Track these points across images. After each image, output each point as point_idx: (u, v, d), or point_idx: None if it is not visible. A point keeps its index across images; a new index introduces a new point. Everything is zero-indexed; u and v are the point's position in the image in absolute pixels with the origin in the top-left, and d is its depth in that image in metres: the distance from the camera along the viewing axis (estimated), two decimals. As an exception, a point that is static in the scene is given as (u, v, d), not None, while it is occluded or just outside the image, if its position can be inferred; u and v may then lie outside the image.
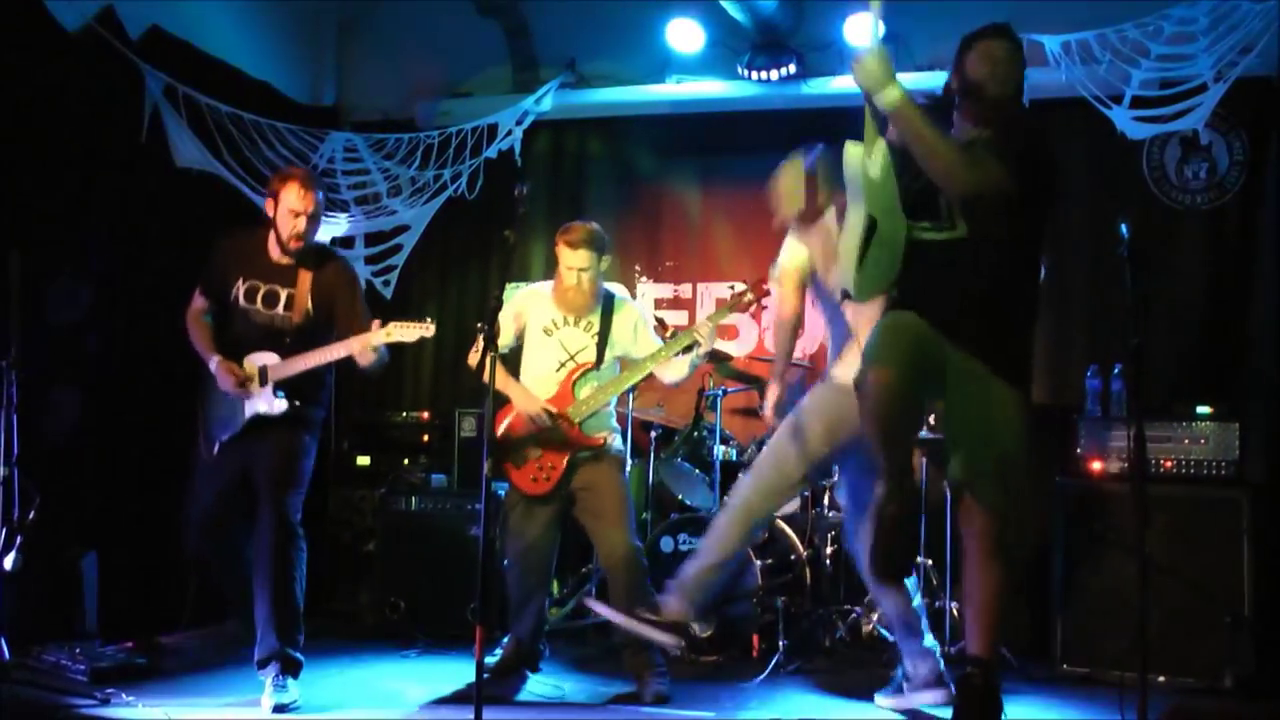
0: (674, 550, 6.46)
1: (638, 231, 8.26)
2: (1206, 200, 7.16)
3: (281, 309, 5.44)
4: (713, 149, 8.15)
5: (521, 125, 7.58)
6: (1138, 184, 7.23)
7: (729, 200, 8.11)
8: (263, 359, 5.38)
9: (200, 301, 5.59)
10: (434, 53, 8.21)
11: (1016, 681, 6.01)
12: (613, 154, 8.28)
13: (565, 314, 5.83)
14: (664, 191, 8.28)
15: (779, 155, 7.97)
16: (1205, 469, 6.17)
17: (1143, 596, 4.23)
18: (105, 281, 6.50)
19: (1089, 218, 7.22)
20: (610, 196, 8.32)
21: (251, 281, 5.47)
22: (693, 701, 5.34)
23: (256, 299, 5.45)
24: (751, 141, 8.00)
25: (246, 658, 5.46)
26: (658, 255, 8.16)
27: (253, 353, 5.40)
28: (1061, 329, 7.39)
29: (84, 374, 6.41)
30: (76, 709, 5.00)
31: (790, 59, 7.48)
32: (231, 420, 5.42)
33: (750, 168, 7.98)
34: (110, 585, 6.40)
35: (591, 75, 7.96)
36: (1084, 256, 7.30)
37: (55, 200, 6.20)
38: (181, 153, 6.74)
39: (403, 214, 7.63)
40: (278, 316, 5.44)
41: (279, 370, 5.36)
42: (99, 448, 6.54)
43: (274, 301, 5.45)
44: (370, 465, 7.54)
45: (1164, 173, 7.25)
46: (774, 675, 6.03)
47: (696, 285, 8.17)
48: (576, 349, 5.81)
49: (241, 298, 5.46)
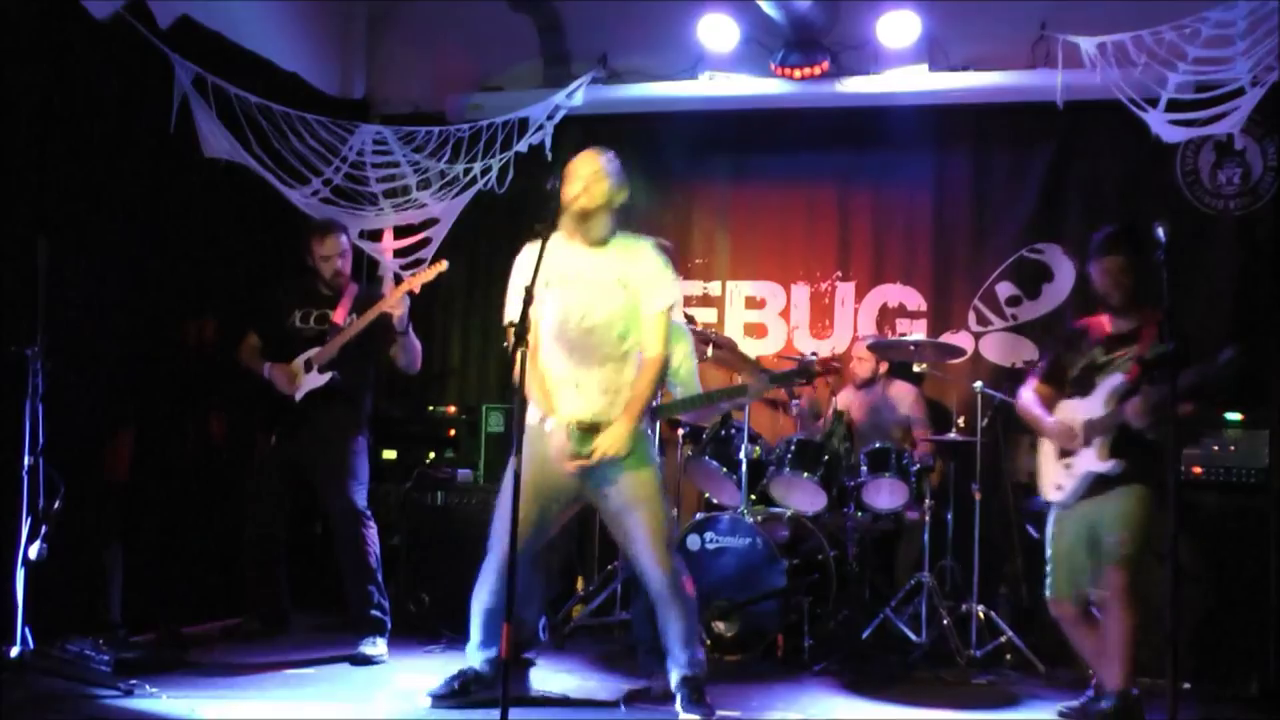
0: (701, 548, 6.43)
1: (668, 228, 8.16)
2: (1240, 205, 7.14)
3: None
4: (744, 147, 8.12)
5: (553, 120, 7.52)
6: (1171, 188, 7.20)
7: (760, 198, 8.10)
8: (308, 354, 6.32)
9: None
10: (465, 46, 8.20)
11: (1044, 688, 6.02)
12: (644, 150, 8.18)
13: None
14: (695, 189, 8.26)
15: (811, 154, 8.03)
16: (1234, 476, 6.14)
17: (1174, 605, 4.21)
18: (132, 271, 6.49)
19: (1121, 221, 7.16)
20: (641, 193, 8.19)
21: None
22: (718, 701, 5.28)
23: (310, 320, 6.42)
24: (783, 140, 8.01)
25: (270, 651, 5.55)
26: (688, 252, 8.11)
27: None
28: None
29: (109, 363, 6.40)
30: (100, 699, 5.00)
31: (824, 57, 7.43)
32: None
33: (782, 166, 8.06)
34: (136, 576, 6.41)
35: (623, 71, 7.94)
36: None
37: (83, 190, 6.18)
38: (210, 143, 6.72)
39: (432, 207, 7.59)
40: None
41: (321, 355, 6.26)
42: (125, 437, 6.53)
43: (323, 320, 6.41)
44: (396, 460, 7.52)
45: (1198, 177, 7.21)
46: (799, 675, 6.02)
47: (726, 283, 8.15)
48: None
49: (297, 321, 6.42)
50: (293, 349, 6.37)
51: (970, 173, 7.79)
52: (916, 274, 7.84)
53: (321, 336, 6.35)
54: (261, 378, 6.35)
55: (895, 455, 6.68)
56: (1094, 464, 5.23)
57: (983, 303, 7.65)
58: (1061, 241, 7.53)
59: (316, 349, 6.30)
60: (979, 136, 7.74)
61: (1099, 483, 5.24)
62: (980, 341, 7.64)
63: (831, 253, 7.97)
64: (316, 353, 6.29)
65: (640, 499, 5.09)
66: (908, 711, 5.50)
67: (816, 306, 7.99)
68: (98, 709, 4.92)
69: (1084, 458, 5.27)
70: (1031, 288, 7.58)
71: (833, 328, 7.95)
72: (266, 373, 6.34)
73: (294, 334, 6.41)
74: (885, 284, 7.89)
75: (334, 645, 6.15)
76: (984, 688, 6.03)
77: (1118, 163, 7.34)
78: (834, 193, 8.00)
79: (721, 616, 6.34)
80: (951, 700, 5.72)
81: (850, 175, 7.98)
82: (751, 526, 6.40)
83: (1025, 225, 7.62)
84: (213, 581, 6.87)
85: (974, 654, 6.36)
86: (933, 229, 7.81)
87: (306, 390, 6.29)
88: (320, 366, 6.27)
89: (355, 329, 6.24)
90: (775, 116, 7.91)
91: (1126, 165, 7.30)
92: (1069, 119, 7.16)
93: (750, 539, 6.38)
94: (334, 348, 6.27)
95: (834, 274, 7.94)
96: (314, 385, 6.28)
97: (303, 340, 6.37)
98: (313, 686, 5.45)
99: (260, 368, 6.38)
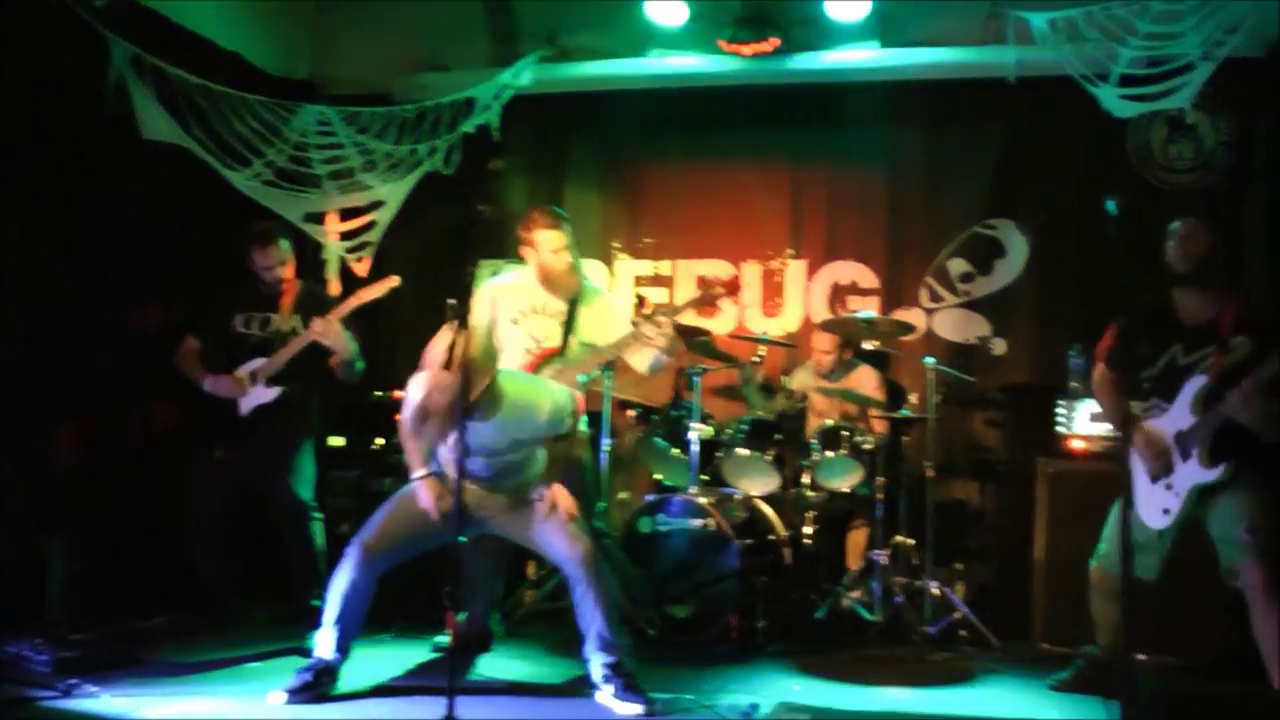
0: (652, 531, 6.38)
1: (618, 207, 8.18)
2: (1194, 180, 7.12)
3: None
4: (695, 124, 8.07)
5: (500, 99, 7.43)
6: (1123, 163, 7.20)
7: (711, 176, 8.05)
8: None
9: None
10: (411, 25, 8.05)
11: (999, 663, 6.03)
12: (593, 129, 8.18)
13: (543, 301, 5.86)
14: (645, 167, 8.20)
15: (763, 131, 7.98)
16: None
17: (1125, 576, 4.18)
18: (72, 255, 6.35)
19: (1074, 196, 7.18)
20: (591, 171, 8.24)
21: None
22: (672, 684, 5.25)
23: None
24: (734, 117, 7.96)
25: (217, 646, 5.52)
26: (638, 232, 8.09)
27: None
28: (1046, 308, 7.35)
29: (52, 350, 6.26)
30: (38, 701, 4.86)
31: (774, 33, 7.36)
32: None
33: (733, 144, 8.02)
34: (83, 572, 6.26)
35: (572, 49, 7.83)
36: (1068, 235, 7.27)
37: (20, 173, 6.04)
38: (149, 125, 6.55)
39: (378, 189, 7.47)
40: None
41: (267, 367, 6.25)
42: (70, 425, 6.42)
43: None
44: (344, 446, 7.41)
45: (1150, 152, 7.20)
46: (753, 656, 5.99)
47: (677, 263, 8.09)
48: (543, 335, 5.80)
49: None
50: (234, 355, 6.34)
51: (923, 149, 7.79)
52: (869, 251, 7.81)
53: (265, 344, 6.33)
54: (200, 386, 6.31)
55: (848, 433, 6.64)
56: (1199, 475, 4.92)
57: (935, 279, 7.63)
58: (1015, 217, 7.52)
59: (261, 360, 6.27)
60: (932, 113, 7.72)
61: (1207, 492, 4.96)
62: (932, 318, 7.63)
63: (783, 230, 7.93)
64: (262, 365, 6.26)
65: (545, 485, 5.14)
66: (863, 690, 5.47)
67: (768, 285, 7.96)
68: (35, 711, 4.78)
69: (1185, 472, 4.99)
70: (984, 264, 7.58)
71: (784, 306, 7.90)
72: (208, 386, 6.29)
73: (236, 340, 6.38)
74: (837, 261, 7.87)
75: (283, 638, 6.02)
76: (939, 664, 6.02)
77: (1071, 138, 7.34)
78: (786, 170, 7.97)
79: (674, 599, 6.28)
80: (907, 677, 5.70)
81: (802, 152, 7.95)
82: (703, 508, 6.34)
83: (978, 201, 7.63)
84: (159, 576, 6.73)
85: (929, 631, 6.33)
86: (885, 206, 7.80)
87: (254, 405, 6.28)
88: (267, 380, 6.26)
89: (301, 343, 6.21)
90: (726, 94, 7.86)
91: (1080, 141, 7.31)
92: (1022, 95, 7.11)
93: (702, 521, 6.32)
94: (280, 360, 6.25)
95: (785, 252, 7.89)
96: (262, 400, 6.28)
97: (246, 347, 6.35)
98: (261, 680, 5.31)
99: (199, 376, 6.32)
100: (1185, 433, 4.98)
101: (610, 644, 5.05)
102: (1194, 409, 4.94)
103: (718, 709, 4.99)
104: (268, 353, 6.31)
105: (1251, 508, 4.88)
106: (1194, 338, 5.05)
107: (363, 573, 5.13)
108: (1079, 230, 7.19)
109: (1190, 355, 5.04)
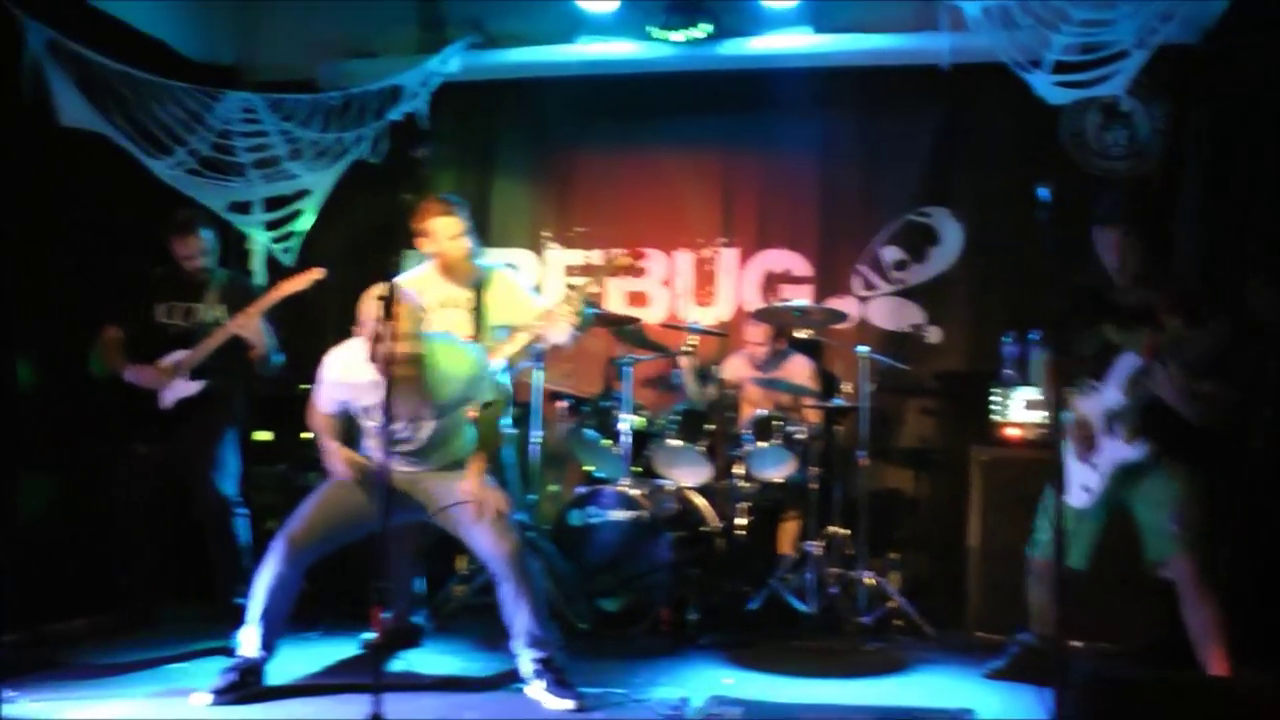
0: (583, 523, 6.31)
1: (548, 196, 8.09)
2: (1128, 167, 7.13)
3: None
4: (626, 112, 7.97)
5: (427, 87, 7.33)
6: (1057, 150, 7.20)
7: (642, 164, 7.98)
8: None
9: None
10: (338, 11, 7.88)
11: (934, 652, 6.03)
12: (523, 117, 8.08)
13: (449, 293, 5.87)
14: (576, 156, 8.11)
15: (694, 118, 7.91)
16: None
17: (1057, 563, 4.17)
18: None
19: (1009, 183, 7.16)
20: (520, 160, 8.14)
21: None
22: (602, 678, 5.21)
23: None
24: (666, 104, 7.88)
25: (141, 646, 5.49)
26: (568, 220, 8.01)
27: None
28: (980, 295, 7.34)
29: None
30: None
31: (705, 19, 7.28)
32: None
33: (665, 131, 7.95)
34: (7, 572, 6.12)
35: (500, 36, 7.71)
36: (1003, 222, 7.27)
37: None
38: (67, 111, 6.40)
39: (304, 178, 7.34)
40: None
41: (190, 359, 6.18)
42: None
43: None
44: (272, 441, 7.28)
45: (1084, 139, 7.20)
46: (685, 650, 5.95)
47: (608, 251, 7.97)
48: (456, 327, 5.75)
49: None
50: (157, 346, 6.26)
51: (857, 136, 7.73)
52: (802, 239, 7.76)
53: (187, 335, 6.27)
54: (121, 378, 6.22)
55: (781, 423, 6.60)
56: (1123, 452, 4.98)
57: (868, 267, 7.59)
58: (949, 204, 7.51)
59: (184, 351, 6.22)
60: (865, 100, 7.67)
61: (1131, 473, 5.01)
62: (866, 306, 7.60)
63: (715, 218, 7.87)
64: (185, 356, 6.21)
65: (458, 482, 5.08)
66: (796, 682, 5.43)
67: (700, 273, 7.89)
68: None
69: (1109, 449, 5.03)
70: (918, 251, 7.55)
71: (717, 294, 7.85)
72: (129, 376, 6.22)
73: (158, 330, 6.32)
74: (770, 249, 7.81)
75: (207, 637, 5.89)
76: (873, 655, 5.99)
77: (1006, 125, 7.31)
78: (718, 157, 7.90)
79: (606, 592, 6.22)
80: (840, 668, 5.67)
81: (734, 140, 7.87)
82: (634, 499, 6.27)
83: (913, 189, 7.60)
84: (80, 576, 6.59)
85: (863, 621, 6.31)
86: (818, 193, 7.74)
87: (176, 397, 6.23)
88: (190, 372, 6.21)
89: (223, 336, 6.16)
90: (656, 81, 7.74)
91: (1015, 128, 7.28)
92: (956, 82, 7.09)
93: (633, 512, 6.25)
94: (203, 352, 6.20)
95: (718, 240, 7.83)
96: (185, 393, 6.24)
97: (168, 337, 6.28)
98: (185, 681, 5.22)
99: (120, 366, 6.24)
100: (1114, 411, 4.99)
101: (539, 640, 5.00)
102: (1124, 388, 4.95)
103: (649, 703, 4.93)
104: (190, 344, 6.24)
105: (1179, 497, 4.90)
106: (1128, 317, 5.05)
107: (288, 567, 5.03)
108: (1013, 217, 7.16)
109: (1123, 334, 5.04)
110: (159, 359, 6.23)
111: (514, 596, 4.99)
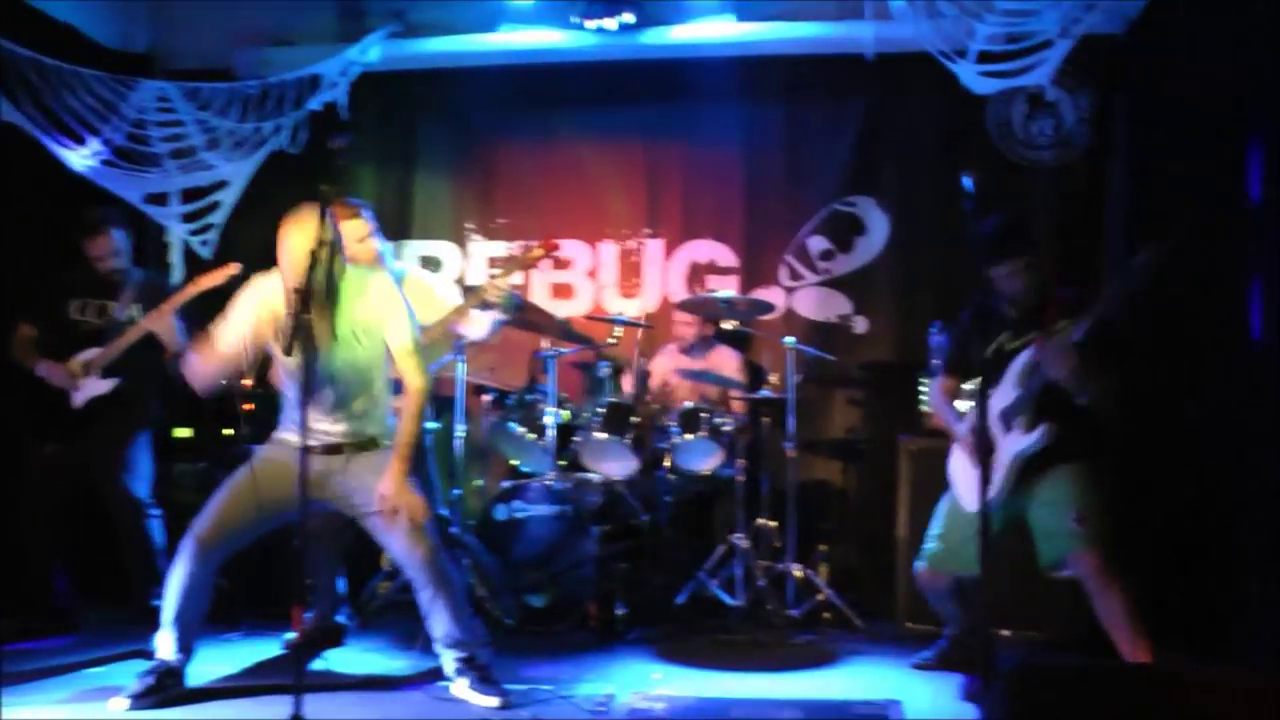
0: (508, 518, 6.24)
1: (471, 187, 8.00)
2: (1053, 156, 7.17)
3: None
4: (549, 102, 7.89)
5: (347, 76, 7.21)
6: (983, 140, 7.20)
7: (565, 155, 7.91)
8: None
9: None
10: (256, -2, 7.79)
11: (863, 644, 6.03)
12: (444, 107, 7.99)
13: None
14: (498, 146, 8.02)
15: (618, 108, 7.85)
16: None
17: (985, 553, 4.15)
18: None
19: (935, 173, 7.18)
20: (442, 151, 8.04)
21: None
22: (528, 674, 5.18)
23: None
24: (589, 94, 7.82)
25: (58, 652, 5.46)
26: (491, 212, 7.93)
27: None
28: (907, 285, 7.34)
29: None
30: None
31: (627, 8, 7.22)
32: None
33: (588, 122, 7.89)
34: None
35: (421, 25, 7.61)
36: (929, 212, 7.27)
37: None
38: (-27, 98, 6.28)
39: (221, 169, 7.20)
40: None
41: (102, 357, 6.10)
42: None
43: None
44: (191, 438, 7.15)
45: (1010, 129, 7.22)
46: (613, 645, 5.91)
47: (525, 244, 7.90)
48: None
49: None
50: (69, 343, 6.19)
51: (782, 126, 7.70)
52: (727, 230, 7.73)
53: (100, 333, 6.20)
54: (33, 375, 6.16)
55: (707, 415, 6.56)
56: (1020, 443, 4.96)
57: (794, 257, 7.57)
58: (875, 194, 7.50)
59: (96, 349, 6.14)
60: (790, 89, 7.64)
61: (1029, 468, 4.99)
62: (792, 297, 7.58)
63: (640, 209, 7.82)
64: (97, 354, 6.13)
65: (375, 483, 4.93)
66: (724, 676, 5.39)
67: (625, 265, 7.83)
68: None
69: (1006, 445, 5.01)
70: (844, 241, 7.53)
71: (642, 286, 7.79)
72: (40, 371, 6.15)
73: (71, 327, 6.25)
74: (695, 240, 7.76)
75: (123, 640, 5.78)
76: (802, 647, 5.96)
77: (932, 115, 7.34)
78: (641, 148, 7.85)
79: (532, 588, 6.15)
80: (769, 661, 5.65)
81: (658, 129, 7.83)
82: (560, 493, 6.21)
83: (838, 178, 7.58)
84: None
85: (791, 614, 6.28)
86: (743, 184, 7.71)
87: (88, 396, 6.16)
88: (102, 370, 6.14)
89: (136, 333, 6.05)
90: (579, 70, 7.68)
91: (940, 118, 7.31)
92: (882, 71, 7.10)
93: (559, 506, 6.19)
94: (115, 350, 6.10)
95: (642, 231, 7.79)
96: (97, 392, 6.17)
97: (81, 335, 6.22)
98: (101, 686, 5.10)
99: (32, 362, 6.18)
100: (1010, 407, 5.02)
101: (460, 641, 4.93)
102: (1018, 383, 4.99)
103: (575, 700, 4.89)
104: (103, 342, 6.15)
105: (1077, 491, 4.94)
106: (1020, 326, 5.10)
107: (199, 566, 4.89)
108: (939, 207, 7.18)
109: (1016, 341, 5.08)
110: (71, 357, 6.12)
111: (431, 601, 4.92)
